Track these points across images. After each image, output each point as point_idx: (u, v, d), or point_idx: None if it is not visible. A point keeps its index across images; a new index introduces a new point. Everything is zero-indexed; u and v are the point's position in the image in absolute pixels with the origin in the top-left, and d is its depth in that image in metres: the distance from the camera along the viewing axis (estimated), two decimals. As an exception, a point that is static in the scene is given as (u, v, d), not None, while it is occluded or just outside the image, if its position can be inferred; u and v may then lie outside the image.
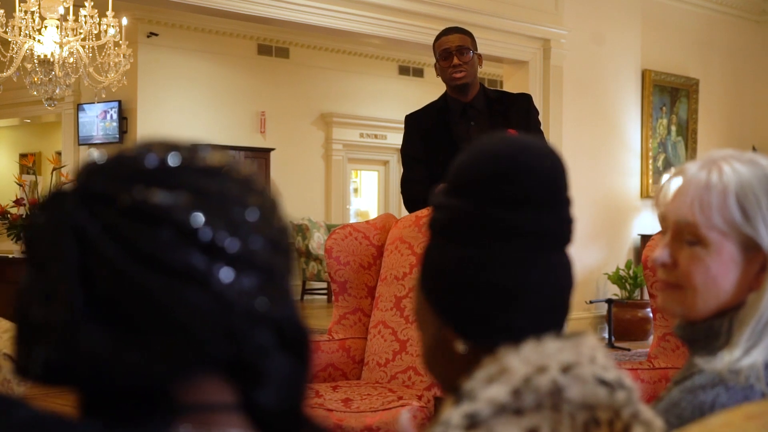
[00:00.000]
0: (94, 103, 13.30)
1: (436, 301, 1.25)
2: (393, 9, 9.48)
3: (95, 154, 0.98)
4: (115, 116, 13.72)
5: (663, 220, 1.64)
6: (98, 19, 9.80)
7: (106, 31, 9.86)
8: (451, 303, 1.24)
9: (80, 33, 9.73)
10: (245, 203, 0.93)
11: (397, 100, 16.63)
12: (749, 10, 12.17)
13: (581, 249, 9.61)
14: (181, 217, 0.89)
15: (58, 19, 9.64)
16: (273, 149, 14.82)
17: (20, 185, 9.93)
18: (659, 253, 1.62)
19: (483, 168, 1.23)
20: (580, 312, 10.25)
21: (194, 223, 0.89)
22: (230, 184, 0.94)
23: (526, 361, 1.17)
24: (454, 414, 1.17)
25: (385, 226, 4.35)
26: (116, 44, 10.01)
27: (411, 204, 4.51)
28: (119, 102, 13.43)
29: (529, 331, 1.20)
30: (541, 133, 4.68)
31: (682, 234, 1.59)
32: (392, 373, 4.06)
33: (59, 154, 14.26)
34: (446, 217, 1.25)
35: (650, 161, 11.21)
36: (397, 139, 16.88)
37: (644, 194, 11.13)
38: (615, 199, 10.78)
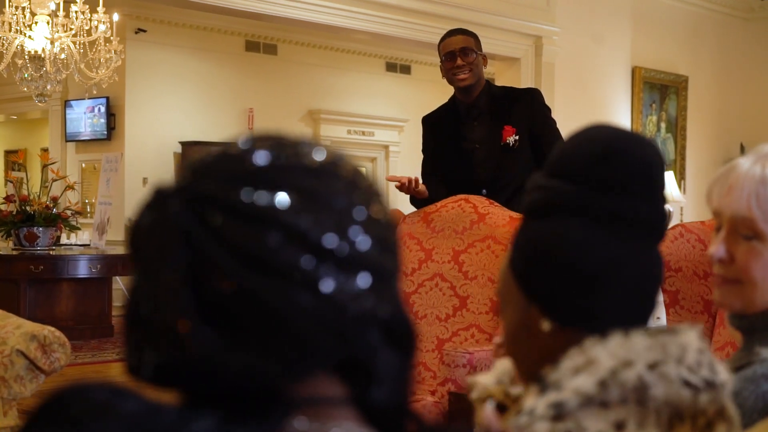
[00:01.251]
0: (82, 99, 13.25)
1: (526, 280, 1.25)
2: (380, 4, 9.48)
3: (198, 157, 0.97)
4: (103, 113, 13.67)
5: (717, 215, 1.64)
6: (89, 15, 9.76)
7: (96, 27, 9.82)
8: (540, 282, 1.24)
9: (71, 29, 9.69)
10: (352, 202, 0.92)
11: (385, 96, 16.63)
12: (738, 8, 12.22)
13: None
14: (289, 220, 0.88)
15: (48, 15, 9.59)
16: (261, 146, 14.78)
17: (11, 182, 9.88)
18: (715, 248, 1.62)
19: (585, 152, 1.24)
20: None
21: (303, 225, 0.89)
22: (336, 182, 0.93)
23: (613, 354, 1.17)
24: (539, 403, 1.17)
25: (392, 222, 4.34)
26: (107, 40, 9.98)
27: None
28: (107, 98, 13.38)
29: (614, 320, 1.20)
30: (550, 128, 4.64)
31: (739, 229, 1.60)
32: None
33: (46, 150, 14.20)
34: (544, 197, 1.25)
35: (640, 158, 11.25)
36: (384, 135, 16.94)
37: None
38: (605, 195, 10.82)
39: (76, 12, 9.72)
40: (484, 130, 4.64)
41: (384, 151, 16.72)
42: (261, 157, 0.92)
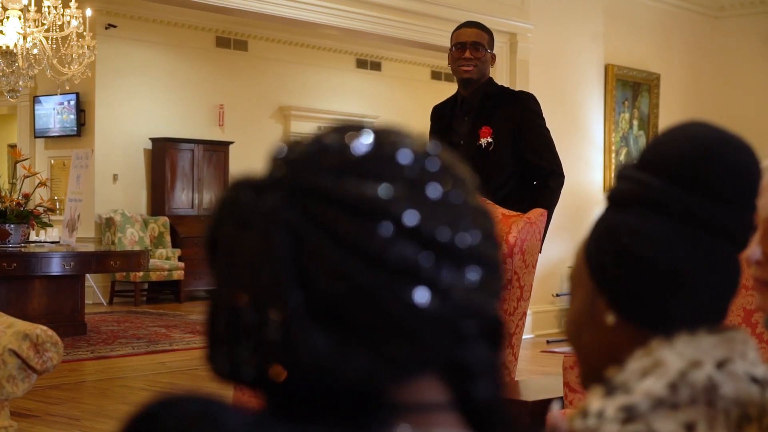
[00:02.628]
0: (51, 95, 13.12)
1: (597, 267, 1.24)
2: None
3: (282, 146, 0.93)
4: (72, 108, 13.55)
5: (757, 216, 1.63)
6: (61, 11, 9.67)
7: (69, 23, 9.73)
8: (611, 273, 1.22)
9: (43, 24, 9.59)
10: (458, 193, 0.89)
11: (355, 93, 16.61)
12: (708, 6, 12.30)
13: (545, 242, 9.64)
14: (399, 212, 0.84)
15: (20, 10, 9.49)
16: (232, 142, 14.73)
17: (-17, 178, 9.77)
18: (751, 250, 1.61)
19: (678, 148, 1.22)
20: (545, 305, 10.31)
21: (414, 218, 0.85)
22: (440, 173, 0.90)
23: (681, 355, 1.16)
24: (608, 406, 1.16)
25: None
26: (79, 36, 9.89)
27: None
28: (77, 94, 13.26)
29: (683, 323, 1.19)
30: (537, 135, 4.63)
31: None
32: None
33: (13, 146, 14.04)
34: (629, 188, 1.24)
35: (613, 155, 11.30)
36: (355, 132, 16.94)
37: (607, 188, 11.22)
38: (579, 192, 10.84)
39: (48, 7, 9.63)
40: (469, 127, 4.66)
41: (354, 148, 16.66)
42: (362, 147, 0.88)
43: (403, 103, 17.10)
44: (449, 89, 17.41)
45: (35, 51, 9.61)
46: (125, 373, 7.99)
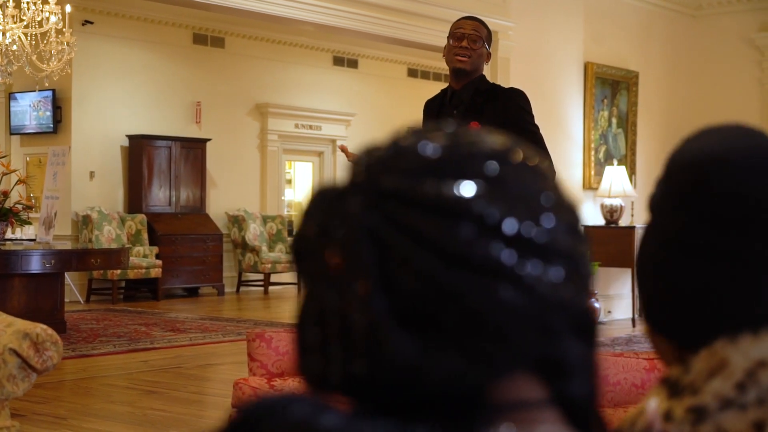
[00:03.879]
0: (27, 91, 13.02)
1: (638, 276, 1.24)
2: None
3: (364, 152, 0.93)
4: (49, 106, 13.45)
5: None
6: (40, 7, 9.60)
7: (48, 19, 9.66)
8: (640, 284, 1.23)
9: (22, 20, 9.52)
10: (538, 187, 0.89)
11: (332, 90, 16.59)
12: (686, 4, 12.37)
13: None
14: (481, 210, 0.84)
15: (-1, 6, 9.42)
16: (209, 140, 14.68)
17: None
18: None
19: (696, 153, 1.21)
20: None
21: (496, 214, 0.84)
22: (517, 168, 0.89)
23: (746, 355, 1.17)
24: (676, 408, 1.16)
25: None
26: (58, 32, 9.82)
27: None
28: (53, 91, 13.17)
29: (744, 322, 1.18)
30: (523, 130, 4.60)
31: None
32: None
33: (-12, 144, 13.94)
34: (652, 194, 1.24)
35: (592, 153, 11.35)
36: (331, 130, 16.91)
37: (586, 185, 11.27)
38: (559, 190, 10.89)
39: (27, 3, 9.55)
40: (457, 121, 4.65)
41: (331, 146, 16.67)
42: (437, 148, 0.88)
43: (380, 100, 17.11)
44: (426, 87, 17.50)
45: (14, 47, 9.53)
46: (107, 372, 7.95)
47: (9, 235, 11.29)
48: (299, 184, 17.15)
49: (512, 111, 4.67)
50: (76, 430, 5.83)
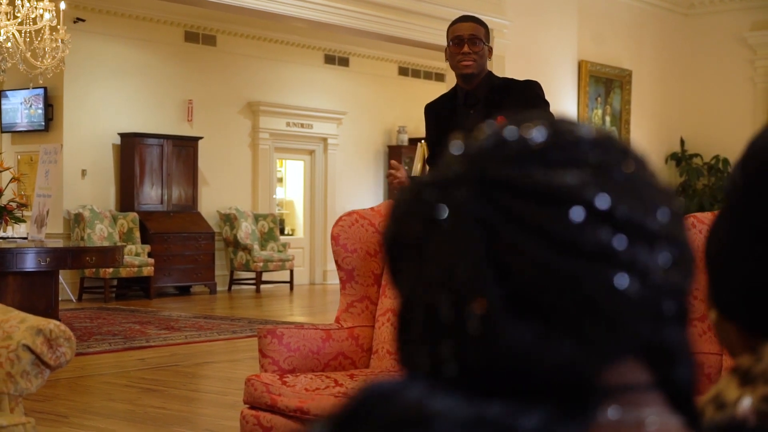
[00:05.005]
0: (19, 89, 12.97)
1: (706, 261, 1.24)
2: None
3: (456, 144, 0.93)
4: (40, 103, 13.41)
5: None
6: (35, 3, 9.56)
7: (41, 16, 9.63)
8: (709, 270, 1.23)
9: (16, 17, 9.48)
10: (642, 174, 0.89)
11: (323, 89, 16.57)
12: (679, 3, 12.41)
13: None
14: (590, 197, 0.84)
15: (-7, 3, 9.38)
16: (201, 138, 14.65)
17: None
18: None
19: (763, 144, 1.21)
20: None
21: (606, 201, 0.85)
22: (620, 155, 0.90)
23: None
24: (747, 396, 1.16)
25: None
26: (52, 29, 9.78)
27: None
28: (45, 89, 13.12)
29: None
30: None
31: None
32: (404, 361, 4.03)
33: (-21, 142, 13.88)
34: (727, 179, 1.24)
35: (586, 151, 11.39)
36: (323, 128, 16.92)
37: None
38: (553, 188, 10.93)
39: (21, 0, 9.52)
40: (479, 120, 4.64)
41: (323, 144, 16.66)
42: (541, 136, 0.88)
43: (371, 98, 17.10)
44: (417, 85, 17.52)
45: (8, 45, 9.50)
46: (104, 370, 7.92)
47: (0, 233, 11.25)
48: (290, 183, 17.12)
49: (533, 102, 4.68)
50: (78, 428, 5.81)
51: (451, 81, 10.93)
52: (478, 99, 4.66)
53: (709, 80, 12.43)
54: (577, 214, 0.83)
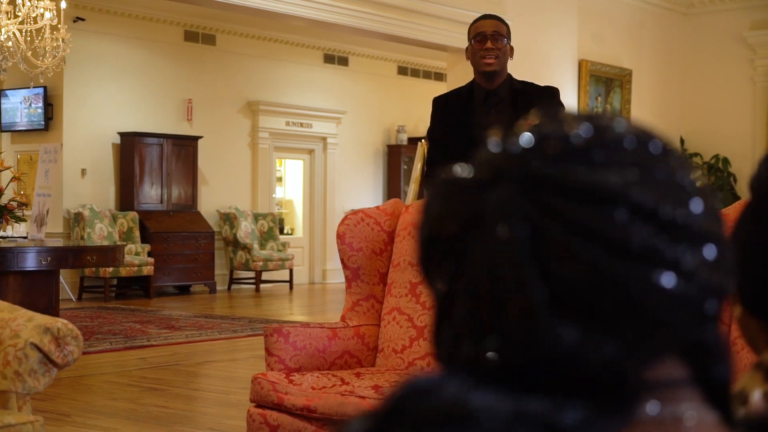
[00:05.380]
0: (18, 88, 12.96)
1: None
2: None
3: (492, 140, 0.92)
4: (40, 102, 13.40)
5: None
6: (35, 2, 9.55)
7: (42, 15, 9.62)
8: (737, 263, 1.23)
9: (17, 16, 9.48)
10: (683, 173, 0.89)
11: (323, 88, 16.57)
12: (678, 3, 12.42)
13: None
14: (633, 196, 0.84)
15: (-6, 2, 9.37)
16: (200, 137, 14.64)
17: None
18: None
19: None
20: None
21: (651, 201, 0.84)
22: (661, 153, 0.90)
23: None
24: (755, 390, 1.16)
25: (394, 212, 4.32)
26: (53, 28, 9.78)
27: None
28: (44, 88, 13.11)
29: None
30: None
31: None
32: (410, 359, 4.04)
33: (-22, 141, 13.87)
34: (754, 174, 1.24)
35: (586, 150, 11.40)
36: (322, 127, 16.90)
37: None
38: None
39: (22, -1, 9.51)
40: (503, 120, 4.63)
41: (322, 143, 16.66)
42: (582, 135, 0.87)
43: (371, 98, 17.10)
44: (416, 84, 17.50)
45: (9, 44, 9.49)
46: (106, 369, 7.92)
47: (0, 232, 11.24)
48: (290, 182, 17.11)
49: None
50: (81, 426, 5.81)
51: (451, 81, 10.90)
52: (501, 99, 4.63)
53: (709, 79, 12.44)
54: (620, 213, 0.83)
